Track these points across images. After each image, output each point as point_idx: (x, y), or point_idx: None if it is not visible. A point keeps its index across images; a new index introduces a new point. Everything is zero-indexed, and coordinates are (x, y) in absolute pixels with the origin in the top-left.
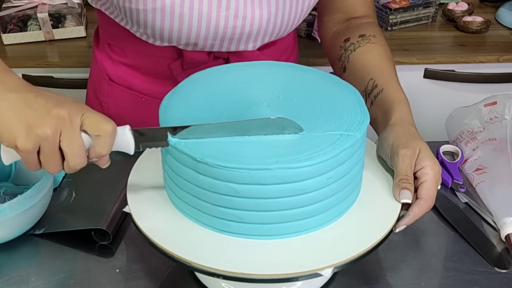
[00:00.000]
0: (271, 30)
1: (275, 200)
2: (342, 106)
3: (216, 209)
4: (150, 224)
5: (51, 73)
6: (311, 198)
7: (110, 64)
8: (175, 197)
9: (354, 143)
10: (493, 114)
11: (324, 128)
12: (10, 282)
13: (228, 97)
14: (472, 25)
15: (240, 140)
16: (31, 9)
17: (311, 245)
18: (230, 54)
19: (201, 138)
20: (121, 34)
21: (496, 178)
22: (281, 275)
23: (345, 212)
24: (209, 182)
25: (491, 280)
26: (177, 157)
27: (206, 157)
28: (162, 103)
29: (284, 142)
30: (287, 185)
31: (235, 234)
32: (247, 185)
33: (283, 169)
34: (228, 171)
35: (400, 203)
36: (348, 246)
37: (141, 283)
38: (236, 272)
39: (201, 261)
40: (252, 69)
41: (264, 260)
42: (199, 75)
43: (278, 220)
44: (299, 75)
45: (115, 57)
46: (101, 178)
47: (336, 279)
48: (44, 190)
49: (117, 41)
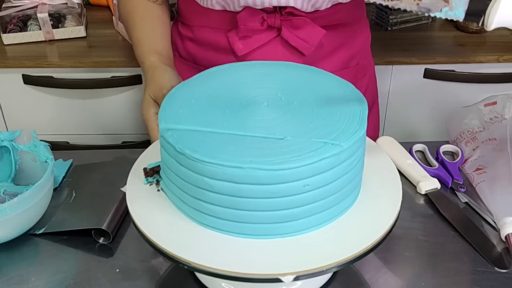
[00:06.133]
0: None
1: (251, 200)
2: (340, 112)
3: (196, 202)
4: (150, 224)
5: (51, 73)
6: (288, 202)
7: (179, 40)
8: (167, 189)
9: (339, 153)
10: (493, 114)
11: (312, 135)
12: (10, 282)
13: (229, 96)
14: (472, 25)
15: (224, 135)
16: (31, 9)
17: (310, 244)
18: (283, 22)
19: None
20: (188, 8)
21: (496, 178)
22: (281, 275)
23: (344, 212)
24: (189, 174)
25: (491, 280)
26: (165, 147)
27: (186, 148)
28: (163, 103)
29: (267, 143)
30: (260, 186)
31: (235, 234)
32: (221, 181)
33: (255, 169)
34: (203, 165)
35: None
36: (347, 245)
37: (141, 283)
38: (236, 272)
39: (201, 261)
40: (254, 69)
41: (264, 260)
42: (201, 75)
43: (275, 220)
44: (302, 76)
45: (184, 32)
46: (101, 178)
47: (336, 278)
48: (44, 190)
49: (186, 16)
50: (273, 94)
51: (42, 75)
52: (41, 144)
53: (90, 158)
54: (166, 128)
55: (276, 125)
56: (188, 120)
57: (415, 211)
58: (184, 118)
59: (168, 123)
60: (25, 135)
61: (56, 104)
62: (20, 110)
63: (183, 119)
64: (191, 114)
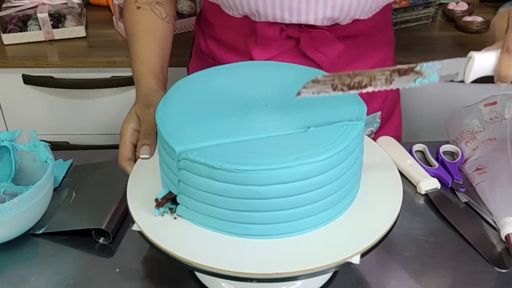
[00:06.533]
0: (332, 1)
1: (274, 200)
2: (338, 101)
3: (235, 213)
4: (150, 225)
5: (51, 73)
6: (325, 191)
7: (201, 36)
8: (189, 212)
9: (360, 132)
10: (493, 114)
11: (329, 121)
12: (10, 282)
13: (226, 97)
14: (472, 25)
15: (249, 141)
16: (31, 9)
17: (310, 244)
18: (302, 33)
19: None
20: (211, 7)
21: (496, 178)
22: (281, 274)
23: (344, 211)
24: (228, 188)
25: (491, 280)
26: (190, 168)
27: (225, 163)
28: (161, 102)
29: (294, 139)
30: (306, 181)
31: (235, 234)
32: (268, 186)
33: (304, 165)
34: (249, 174)
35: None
36: (347, 245)
37: (141, 283)
38: (236, 272)
39: (201, 261)
40: (251, 69)
41: (264, 260)
42: (198, 75)
43: (276, 220)
44: (297, 75)
45: (207, 30)
46: (101, 178)
47: (336, 278)
48: (44, 190)
49: (209, 14)
50: (267, 94)
51: (42, 75)
52: (41, 144)
53: (90, 158)
54: (187, 150)
55: (289, 121)
56: (203, 136)
57: (415, 211)
58: (197, 136)
59: (184, 144)
60: (25, 135)
61: (56, 104)
62: (20, 110)
63: (197, 137)
64: (201, 129)
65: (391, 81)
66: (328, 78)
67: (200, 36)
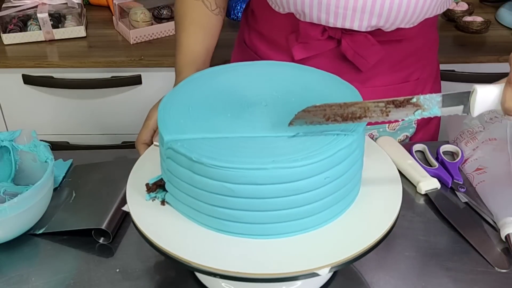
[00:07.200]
0: (378, 11)
1: (272, 200)
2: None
3: (213, 208)
4: (150, 224)
5: (51, 73)
6: (308, 198)
7: (247, 29)
8: (176, 201)
9: (351, 143)
10: (493, 114)
11: (321, 129)
12: (10, 282)
13: (229, 95)
14: (472, 25)
15: (234, 139)
16: (31, 9)
17: (310, 244)
18: (344, 35)
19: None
20: (258, 0)
21: (496, 178)
22: (280, 274)
23: (343, 211)
24: (205, 182)
25: (491, 280)
26: (174, 158)
27: (202, 157)
28: (161, 102)
29: (279, 142)
30: (283, 185)
31: (235, 234)
32: (242, 185)
33: (279, 169)
34: (224, 171)
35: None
36: (347, 245)
37: (141, 283)
38: (236, 272)
39: (201, 261)
40: (251, 69)
41: (264, 260)
42: (199, 75)
43: (276, 219)
44: (298, 75)
45: (252, 23)
46: (101, 178)
47: (335, 279)
48: (44, 190)
49: (256, 8)
50: (268, 94)
51: (42, 75)
52: (41, 144)
53: (90, 158)
54: (173, 140)
55: (282, 124)
56: (192, 128)
57: (415, 211)
58: (188, 127)
59: (172, 134)
60: (25, 135)
61: (56, 104)
62: (20, 110)
63: (187, 129)
64: (193, 122)
65: (387, 113)
66: (318, 109)
67: (245, 27)
